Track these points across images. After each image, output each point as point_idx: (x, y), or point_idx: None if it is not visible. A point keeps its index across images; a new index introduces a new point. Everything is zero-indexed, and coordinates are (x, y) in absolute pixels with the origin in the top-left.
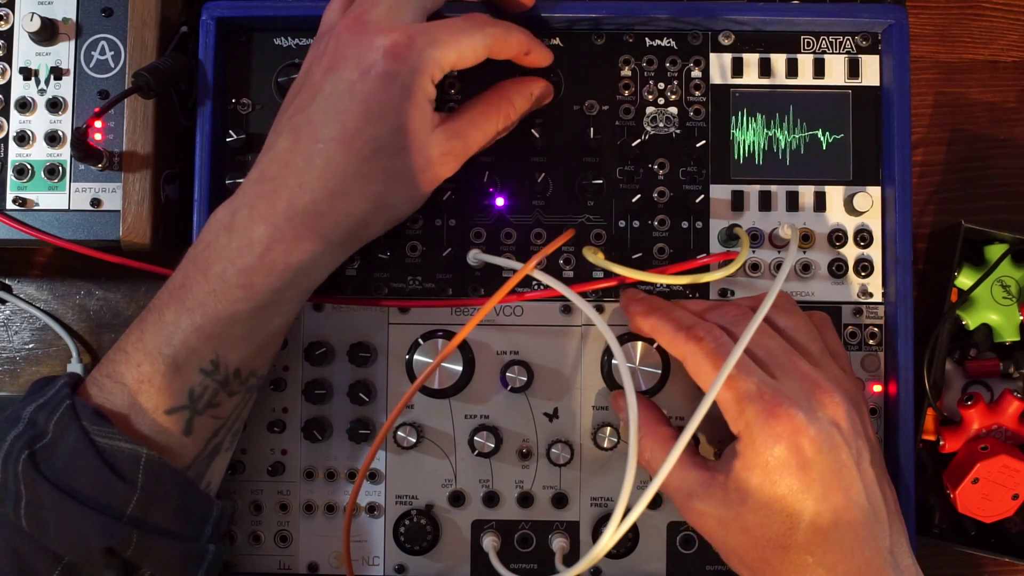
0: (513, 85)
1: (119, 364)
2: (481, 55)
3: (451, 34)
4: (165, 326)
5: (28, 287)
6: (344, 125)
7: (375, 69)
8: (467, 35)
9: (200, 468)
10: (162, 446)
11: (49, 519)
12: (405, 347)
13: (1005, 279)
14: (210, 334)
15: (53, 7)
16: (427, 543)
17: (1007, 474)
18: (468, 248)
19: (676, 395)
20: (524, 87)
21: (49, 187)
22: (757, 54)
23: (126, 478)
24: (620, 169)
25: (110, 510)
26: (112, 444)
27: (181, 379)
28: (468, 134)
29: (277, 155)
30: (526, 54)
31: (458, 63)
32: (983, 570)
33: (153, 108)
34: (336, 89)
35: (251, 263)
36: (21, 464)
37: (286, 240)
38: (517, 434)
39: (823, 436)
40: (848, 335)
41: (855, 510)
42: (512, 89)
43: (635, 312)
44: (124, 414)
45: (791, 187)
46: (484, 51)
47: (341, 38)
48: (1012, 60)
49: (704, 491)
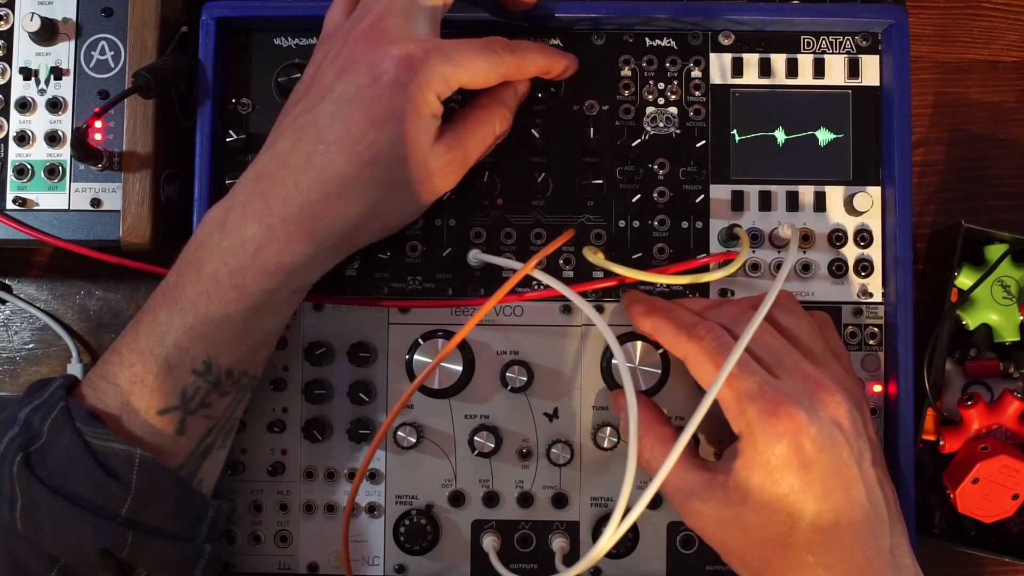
0: (502, 86)
1: (113, 365)
2: (492, 80)
3: (465, 55)
4: (158, 327)
5: (28, 287)
6: (349, 128)
7: (386, 76)
8: (481, 58)
9: (192, 467)
10: (155, 446)
11: (44, 521)
12: (405, 347)
13: (1005, 279)
14: (202, 335)
15: (53, 7)
16: (427, 543)
17: (1007, 474)
18: (468, 248)
19: (676, 395)
20: (510, 86)
21: (49, 187)
22: (757, 54)
23: (120, 479)
24: (620, 169)
25: (105, 511)
26: (106, 445)
27: (173, 380)
28: (467, 143)
29: (276, 154)
30: (547, 73)
31: (468, 84)
32: (983, 570)
33: (153, 108)
34: (346, 92)
35: (243, 263)
36: (16, 466)
37: (279, 240)
38: (517, 434)
39: (824, 435)
40: (848, 335)
41: (856, 509)
42: (502, 90)
43: (636, 312)
44: (117, 415)
45: (791, 187)
46: (496, 77)
47: (357, 43)
48: (1012, 60)
49: (704, 491)
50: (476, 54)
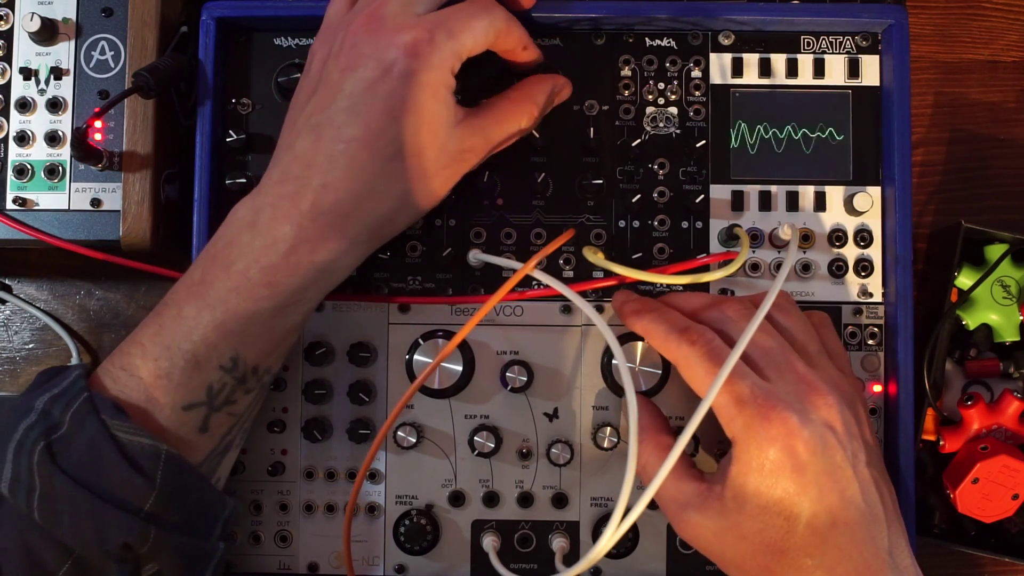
0: (535, 84)
1: (135, 357)
2: (491, 39)
3: (464, 21)
4: (184, 321)
5: (28, 287)
6: (368, 125)
7: (396, 67)
8: (478, 20)
9: (212, 465)
10: (178, 441)
11: (64, 512)
12: (405, 347)
13: (1005, 279)
14: (231, 331)
15: (53, 7)
16: (427, 543)
17: (1007, 474)
18: (468, 248)
19: (676, 395)
20: (545, 85)
21: (49, 187)
22: (757, 54)
23: (146, 473)
24: (620, 169)
25: (128, 505)
26: (132, 439)
27: (200, 375)
28: (490, 131)
29: (299, 155)
30: (524, 48)
31: (474, 49)
32: (983, 570)
33: (153, 108)
34: (357, 89)
35: (275, 262)
36: (37, 455)
37: (311, 240)
38: (517, 434)
39: (816, 439)
40: (848, 335)
41: (851, 511)
42: (535, 88)
43: (627, 313)
44: (141, 408)
45: (791, 187)
46: (494, 35)
47: (358, 35)
48: (1012, 60)
49: (700, 502)
50: (473, 17)
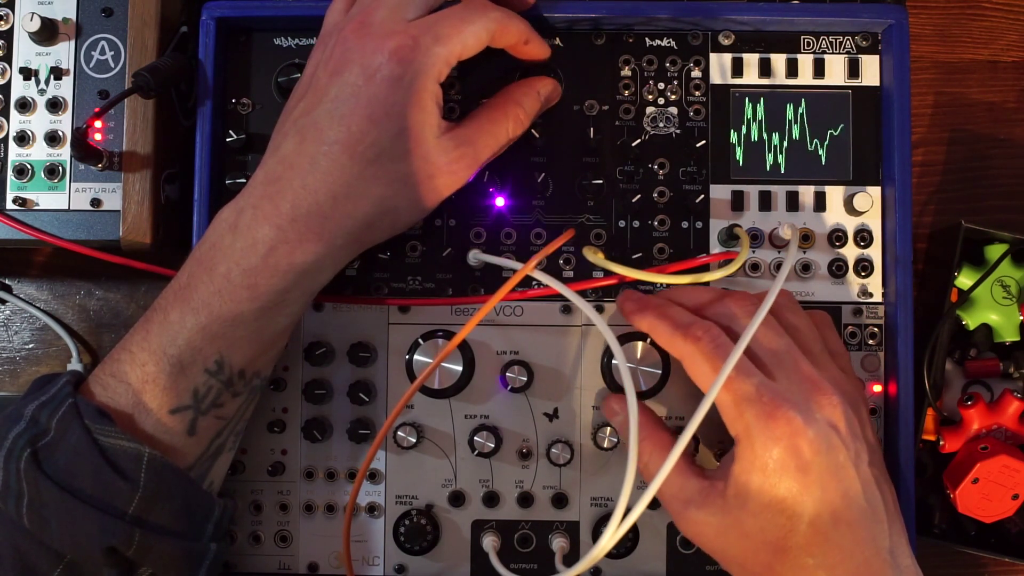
0: (520, 87)
1: (123, 363)
2: (484, 42)
3: (454, 26)
4: (170, 326)
5: (28, 287)
6: (348, 128)
7: (380, 73)
8: (469, 24)
9: (203, 468)
10: (166, 446)
11: (51, 517)
12: (405, 347)
13: (1005, 279)
14: (215, 334)
15: (53, 7)
16: (427, 543)
17: (1007, 474)
18: (468, 248)
19: (676, 395)
20: (531, 88)
21: (49, 187)
22: (757, 54)
23: (128, 477)
24: (620, 169)
25: (112, 509)
26: (114, 443)
27: (185, 379)
28: (477, 141)
29: (283, 157)
30: (525, 43)
31: (463, 54)
32: (983, 570)
33: (153, 108)
34: (342, 93)
35: (255, 264)
36: (23, 462)
37: (290, 241)
38: (517, 434)
39: (821, 438)
40: (848, 335)
41: (854, 511)
42: (520, 91)
43: (631, 310)
44: (128, 413)
45: (791, 187)
46: (487, 37)
47: (347, 41)
48: (1012, 60)
49: (702, 499)
50: (463, 21)
